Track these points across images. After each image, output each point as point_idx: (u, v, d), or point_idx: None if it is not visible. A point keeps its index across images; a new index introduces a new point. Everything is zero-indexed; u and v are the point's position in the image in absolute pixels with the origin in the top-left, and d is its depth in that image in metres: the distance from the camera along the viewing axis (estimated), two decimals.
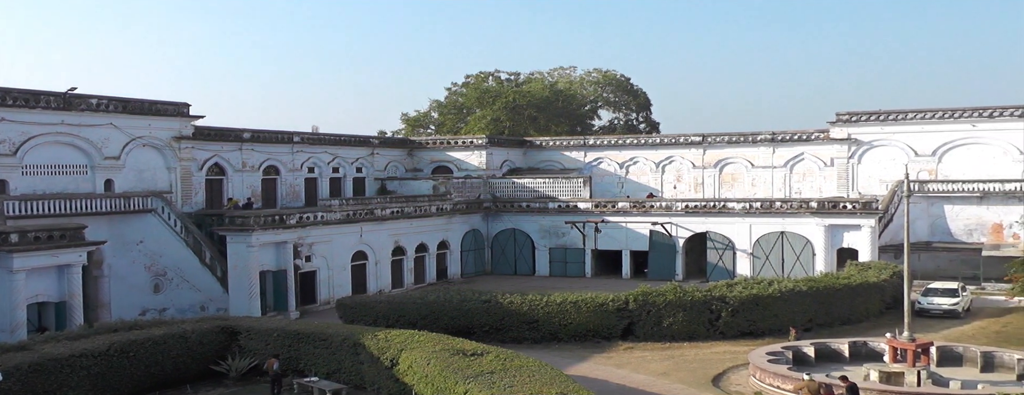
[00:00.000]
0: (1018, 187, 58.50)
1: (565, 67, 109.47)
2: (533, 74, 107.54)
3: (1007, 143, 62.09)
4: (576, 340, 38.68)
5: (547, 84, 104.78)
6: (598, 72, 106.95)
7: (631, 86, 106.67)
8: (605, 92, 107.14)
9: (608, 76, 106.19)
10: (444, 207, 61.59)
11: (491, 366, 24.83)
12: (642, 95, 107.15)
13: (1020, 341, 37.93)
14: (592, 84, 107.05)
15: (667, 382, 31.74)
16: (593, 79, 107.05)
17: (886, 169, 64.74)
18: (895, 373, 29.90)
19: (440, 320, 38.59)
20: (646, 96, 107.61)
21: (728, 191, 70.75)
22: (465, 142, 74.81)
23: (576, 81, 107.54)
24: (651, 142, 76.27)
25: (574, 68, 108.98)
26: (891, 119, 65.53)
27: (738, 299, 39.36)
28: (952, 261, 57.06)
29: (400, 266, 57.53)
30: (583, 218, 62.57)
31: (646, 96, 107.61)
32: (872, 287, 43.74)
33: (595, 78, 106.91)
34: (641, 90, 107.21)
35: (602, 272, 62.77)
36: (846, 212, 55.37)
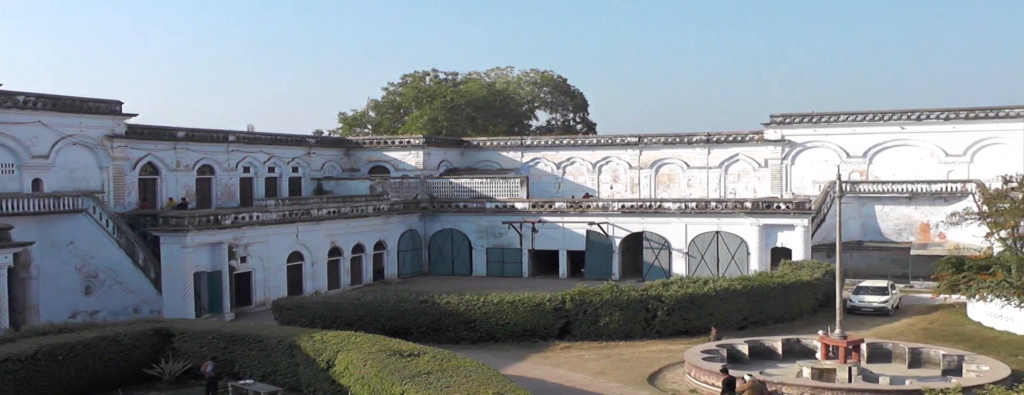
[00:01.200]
0: (944, 188, 60.18)
1: (502, 67, 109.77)
2: (471, 74, 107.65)
3: (933, 145, 63.87)
4: (513, 340, 38.88)
5: (485, 84, 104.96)
6: (535, 73, 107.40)
7: (568, 87, 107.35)
8: (542, 93, 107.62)
9: (545, 77, 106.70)
10: (381, 207, 61.40)
11: (428, 367, 24.89)
12: (579, 96, 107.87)
13: (946, 337, 39.07)
14: (529, 85, 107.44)
15: (604, 381, 32.08)
16: (530, 80, 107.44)
17: (819, 170, 66.14)
18: (827, 370, 30.58)
19: (377, 321, 38.53)
20: (583, 97, 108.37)
21: (664, 191, 71.59)
22: (402, 142, 74.66)
23: (513, 81, 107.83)
24: (588, 143, 76.89)
25: (512, 68, 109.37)
26: (823, 121, 66.96)
27: (674, 298, 39.89)
28: (882, 260, 58.53)
29: (337, 267, 57.22)
30: (520, 218, 62.83)
31: (583, 97, 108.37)
32: (805, 286, 44.66)
33: (532, 79, 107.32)
34: (578, 91, 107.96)
35: (539, 272, 63.09)
36: (780, 212, 56.41)
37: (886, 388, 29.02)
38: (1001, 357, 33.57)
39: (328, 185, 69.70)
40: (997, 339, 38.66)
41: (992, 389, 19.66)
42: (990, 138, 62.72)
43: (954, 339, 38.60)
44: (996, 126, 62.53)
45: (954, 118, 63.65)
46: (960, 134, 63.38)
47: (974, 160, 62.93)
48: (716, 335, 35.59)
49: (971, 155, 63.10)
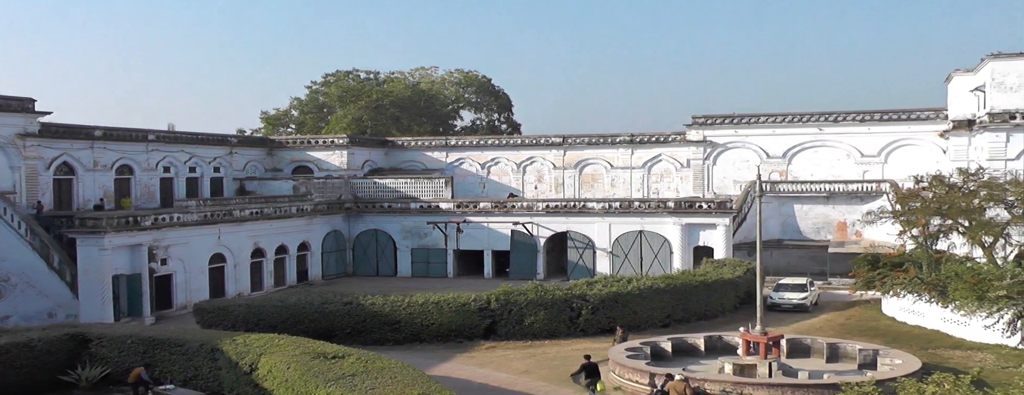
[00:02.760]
0: (860, 188, 61.74)
1: (427, 67, 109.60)
2: (395, 74, 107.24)
3: (850, 146, 65.53)
4: (439, 340, 38.86)
5: (409, 84, 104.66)
6: (460, 73, 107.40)
7: (493, 87, 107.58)
8: (467, 93, 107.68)
9: (470, 77, 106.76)
10: (305, 208, 60.78)
11: (353, 369, 24.76)
12: (503, 96, 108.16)
13: (862, 332, 40.09)
14: (454, 85, 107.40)
15: (529, 380, 32.23)
16: (455, 80, 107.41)
17: (739, 170, 67.32)
18: (748, 365, 31.15)
19: (301, 323, 38.15)
20: (507, 97, 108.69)
21: (588, 191, 72.15)
22: (326, 142, 74.03)
23: (438, 81, 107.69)
24: (512, 143, 77.16)
25: (436, 68, 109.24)
26: (744, 122, 68.20)
27: (598, 297, 40.26)
28: (801, 258, 59.81)
29: (260, 268, 56.47)
30: (445, 218, 62.73)
31: (507, 97, 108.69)
32: (727, 283, 45.46)
33: (457, 79, 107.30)
34: (502, 91, 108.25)
35: (464, 272, 63.07)
36: (702, 212, 57.25)
37: (805, 382, 29.66)
38: (913, 351, 34.53)
39: (251, 185, 68.79)
40: (910, 333, 39.77)
41: (904, 382, 20.24)
42: (903, 140, 64.56)
43: (870, 334, 39.61)
44: (909, 128, 64.38)
45: (869, 120, 65.37)
46: (875, 135, 65.13)
47: (888, 161, 64.73)
48: (622, 335, 35.45)
49: (885, 156, 64.89)
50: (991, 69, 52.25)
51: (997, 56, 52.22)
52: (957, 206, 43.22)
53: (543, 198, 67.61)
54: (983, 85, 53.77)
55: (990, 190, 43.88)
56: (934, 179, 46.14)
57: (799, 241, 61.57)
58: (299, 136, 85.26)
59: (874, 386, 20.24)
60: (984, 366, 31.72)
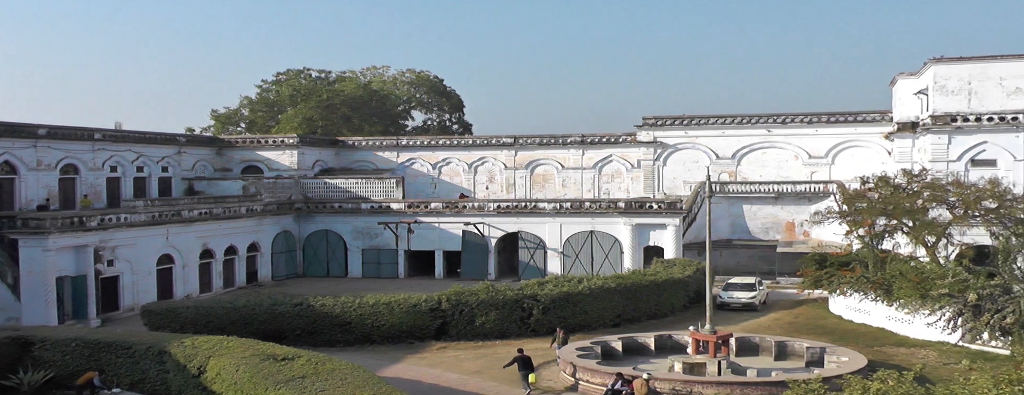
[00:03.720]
0: (807, 188, 62.60)
1: (378, 67, 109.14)
2: (346, 73, 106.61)
3: (798, 147, 66.41)
4: (390, 341, 38.76)
5: (361, 84, 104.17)
6: (412, 73, 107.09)
7: (444, 87, 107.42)
8: (418, 93, 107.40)
9: (421, 77, 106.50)
10: (254, 208, 60.20)
11: (302, 370, 24.61)
12: (455, 96, 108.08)
13: (810, 331, 40.63)
14: (406, 84, 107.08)
15: (480, 380, 32.25)
16: (407, 79, 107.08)
17: (689, 171, 67.93)
18: (698, 364, 31.46)
19: (250, 325, 37.83)
20: (459, 98, 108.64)
21: (539, 192, 72.34)
22: (276, 141, 73.43)
23: (389, 81, 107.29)
24: (464, 143, 77.12)
25: (387, 68, 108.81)
26: (694, 124, 68.81)
27: (549, 297, 40.37)
28: (750, 257, 60.52)
29: (209, 269, 55.83)
30: (396, 219, 62.51)
31: (459, 98, 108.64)
32: (677, 283, 45.82)
33: (409, 78, 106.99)
34: (454, 91, 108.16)
35: (415, 273, 62.89)
36: (652, 212, 57.64)
37: (753, 380, 30.04)
38: (859, 348, 35.10)
39: (200, 185, 68.01)
40: (856, 331, 40.39)
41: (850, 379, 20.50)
42: (850, 141, 65.59)
43: (817, 332, 40.15)
44: (855, 130, 65.41)
45: (817, 122, 66.31)
46: (822, 137, 66.08)
47: (835, 162, 65.72)
48: (562, 337, 35.09)
49: (832, 157, 65.85)
50: (933, 73, 53.23)
51: (939, 60, 53.21)
52: (901, 207, 44.02)
53: (494, 198, 67.63)
54: (926, 88, 54.77)
55: (933, 191, 44.76)
56: (879, 180, 46.94)
57: (748, 241, 62.25)
58: (249, 135, 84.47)
59: (821, 383, 20.48)
60: (927, 363, 32.32)
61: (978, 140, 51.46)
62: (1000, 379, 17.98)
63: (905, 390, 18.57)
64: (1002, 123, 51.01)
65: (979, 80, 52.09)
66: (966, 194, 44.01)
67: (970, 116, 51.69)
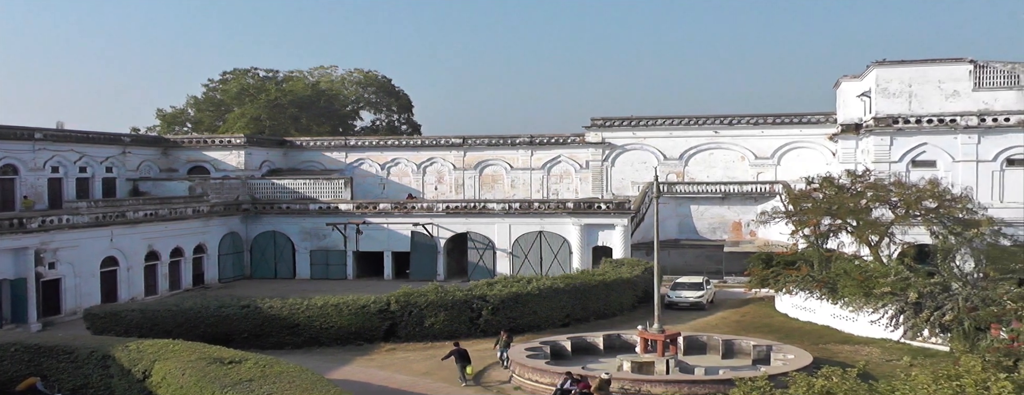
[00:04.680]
0: (754, 189, 63.34)
1: (326, 66, 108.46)
2: (293, 72, 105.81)
3: (744, 148, 67.19)
4: (338, 343, 38.54)
5: (308, 83, 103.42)
6: (360, 72, 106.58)
7: (393, 87, 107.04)
8: (367, 93, 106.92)
9: (370, 77, 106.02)
10: (201, 209, 59.48)
11: (250, 373, 24.35)
12: (404, 97, 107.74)
13: (756, 329, 41.13)
14: (354, 84, 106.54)
15: (429, 381, 32.21)
16: (355, 79, 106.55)
17: (637, 171, 68.40)
18: (646, 363, 31.71)
19: (197, 328, 37.38)
20: (408, 98, 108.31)
21: (488, 192, 72.37)
22: (223, 141, 72.67)
23: (337, 81, 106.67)
24: (412, 143, 76.92)
25: (335, 68, 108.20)
26: (642, 125, 69.31)
27: (498, 297, 40.41)
28: (698, 257, 61.08)
29: (154, 272, 55.02)
30: (345, 219, 62.15)
31: (408, 98, 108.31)
32: (625, 283, 46.12)
33: (357, 78, 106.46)
34: (403, 91, 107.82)
35: (364, 274, 62.60)
36: (601, 212, 57.96)
37: (701, 378, 30.36)
38: (805, 346, 35.65)
39: (145, 186, 67.02)
40: (801, 329, 40.96)
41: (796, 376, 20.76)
42: (795, 142, 66.51)
43: (764, 330, 40.66)
44: (801, 131, 66.37)
45: (763, 123, 67.13)
46: (768, 138, 66.92)
47: (781, 163, 66.61)
48: (506, 340, 34.73)
49: (778, 158, 66.73)
50: (876, 76, 54.13)
51: (881, 63, 54.13)
52: (846, 206, 44.73)
53: (443, 199, 67.56)
54: (869, 91, 55.67)
55: (876, 191, 45.52)
56: (824, 181, 47.62)
57: (696, 241, 62.81)
58: (196, 135, 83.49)
59: (767, 381, 20.73)
60: (870, 359, 33.00)
61: (919, 141, 52.42)
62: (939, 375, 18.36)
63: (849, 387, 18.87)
64: (941, 125, 52.02)
65: (919, 83, 53.08)
66: (907, 194, 44.81)
67: (911, 118, 52.63)
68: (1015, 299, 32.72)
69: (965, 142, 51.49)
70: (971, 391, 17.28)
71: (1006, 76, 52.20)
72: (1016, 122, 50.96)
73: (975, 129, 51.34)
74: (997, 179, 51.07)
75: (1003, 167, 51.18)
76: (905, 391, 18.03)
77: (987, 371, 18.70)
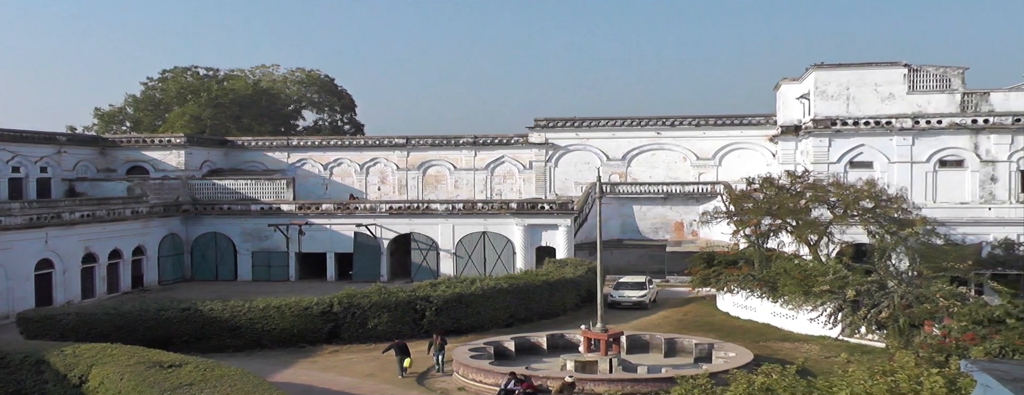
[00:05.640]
0: (696, 189, 64.04)
1: (268, 65, 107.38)
2: (235, 71, 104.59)
3: (686, 149, 67.89)
4: (281, 346, 38.15)
5: (250, 82, 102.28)
6: (302, 72, 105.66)
7: (335, 87, 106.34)
8: (309, 92, 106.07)
9: (312, 76, 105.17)
10: (140, 210, 58.53)
11: (190, 377, 24.06)
12: (346, 96, 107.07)
13: (698, 327, 41.56)
14: (296, 84, 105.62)
15: (373, 383, 32.06)
16: (297, 79, 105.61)
17: (581, 172, 68.72)
18: (589, 362, 31.90)
19: (136, 331, 36.71)
20: (350, 97, 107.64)
21: (432, 193, 72.23)
22: (163, 141, 71.62)
23: (279, 80, 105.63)
24: (355, 144, 76.54)
25: (277, 66, 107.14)
26: (585, 126, 69.69)
27: (442, 298, 40.34)
28: (641, 257, 61.49)
29: (91, 274, 53.98)
30: (287, 220, 61.59)
31: (350, 97, 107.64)
32: (569, 282, 46.31)
33: (299, 77, 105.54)
34: (345, 91, 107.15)
35: (307, 275, 62.07)
36: (544, 213, 58.17)
37: (643, 377, 30.63)
38: (745, 344, 36.12)
39: (81, 186, 65.77)
40: (742, 327, 41.49)
41: (736, 373, 21.11)
42: (736, 143, 67.36)
43: (705, 329, 41.08)
44: (742, 132, 67.25)
45: (705, 125, 67.90)
46: (710, 139, 67.70)
47: (722, 163, 67.40)
48: (439, 343, 34.25)
49: (720, 159, 67.52)
50: (815, 78, 55.03)
51: (820, 66, 55.05)
52: (785, 207, 45.44)
53: (386, 200, 67.21)
54: (808, 93, 56.57)
55: (815, 192, 46.32)
56: (764, 181, 48.35)
57: (638, 241, 63.26)
58: (134, 135, 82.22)
59: (708, 379, 21.03)
60: (809, 356, 33.55)
61: (856, 143, 53.39)
62: (875, 371, 18.79)
63: (788, 383, 19.22)
64: (878, 127, 53.05)
65: (857, 86, 54.09)
66: (845, 195, 45.65)
67: (848, 120, 53.58)
68: (947, 296, 33.56)
69: (900, 144, 52.58)
70: (905, 386, 17.70)
71: (938, 80, 53.43)
72: (948, 125, 52.18)
73: (910, 131, 52.46)
74: (930, 180, 52.29)
75: (936, 168, 52.39)
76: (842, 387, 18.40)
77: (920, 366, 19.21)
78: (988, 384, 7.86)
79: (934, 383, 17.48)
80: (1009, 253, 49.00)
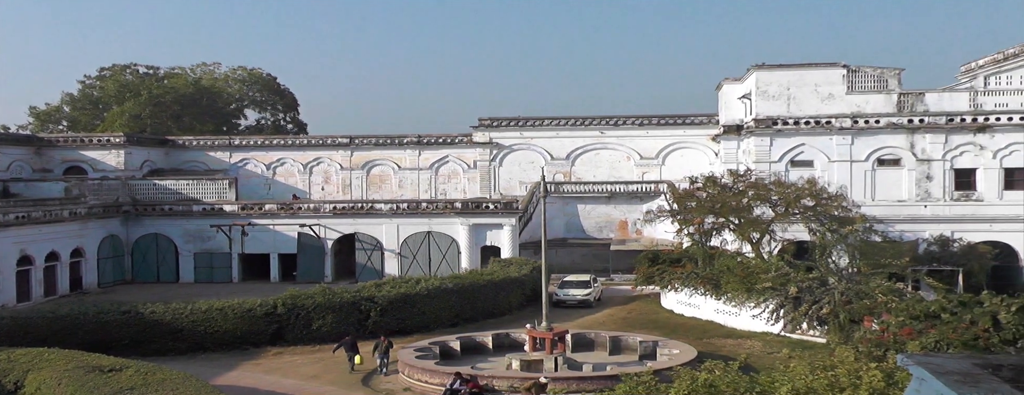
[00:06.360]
0: (639, 188, 64.55)
1: (209, 63, 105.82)
2: (175, 69, 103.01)
3: (630, 148, 68.38)
4: (224, 348, 37.65)
5: (191, 80, 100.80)
6: (244, 70, 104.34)
7: (278, 85, 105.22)
8: (251, 91, 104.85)
9: (254, 74, 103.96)
10: (78, 211, 57.39)
11: (131, 382, 23.68)
12: (289, 95, 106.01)
13: (643, 325, 41.86)
14: (238, 82, 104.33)
15: (317, 385, 31.83)
16: (239, 77, 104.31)
17: (525, 171, 68.89)
18: (535, 361, 31.98)
19: (74, 335, 35.96)
20: (293, 96, 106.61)
21: (376, 192, 71.88)
22: (102, 140, 70.35)
23: (221, 78, 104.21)
24: (299, 143, 75.87)
25: (219, 64, 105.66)
26: (529, 125, 69.85)
27: (387, 298, 40.18)
28: (585, 255, 61.80)
29: (27, 277, 52.74)
30: (229, 221, 60.80)
31: (293, 96, 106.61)
32: (514, 282, 46.40)
33: (241, 76, 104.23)
34: (288, 90, 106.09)
35: (250, 276, 61.31)
36: (489, 212, 58.19)
37: (589, 375, 30.79)
38: (690, 341, 36.47)
39: (16, 187, 64.29)
40: (686, 325, 41.86)
41: (680, 370, 21.32)
42: (680, 143, 68.01)
43: (650, 326, 41.38)
44: (684, 132, 67.92)
45: (648, 124, 68.43)
46: (654, 139, 68.27)
47: (666, 163, 68.03)
48: (385, 345, 33.92)
49: (663, 158, 68.13)
50: (756, 79, 55.74)
51: (761, 67, 55.79)
52: (728, 205, 46.00)
53: (330, 200, 66.74)
54: (749, 93, 57.29)
55: (757, 190, 46.93)
56: (707, 180, 48.87)
57: (583, 240, 63.58)
58: (72, 134, 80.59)
59: (652, 376, 21.20)
60: (751, 352, 33.95)
61: (797, 142, 54.19)
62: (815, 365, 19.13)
63: (731, 379, 19.46)
64: (817, 126, 53.89)
65: (797, 86, 54.90)
66: (787, 193, 46.34)
67: (789, 120, 54.37)
68: (885, 293, 34.24)
69: (840, 143, 53.48)
70: (845, 380, 18.03)
71: (876, 80, 54.44)
72: (886, 124, 53.18)
73: (849, 130, 53.36)
74: (869, 178, 53.26)
75: (874, 167, 53.38)
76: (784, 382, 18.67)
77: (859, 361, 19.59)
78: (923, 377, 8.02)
79: (872, 377, 17.83)
80: (944, 249, 50.14)
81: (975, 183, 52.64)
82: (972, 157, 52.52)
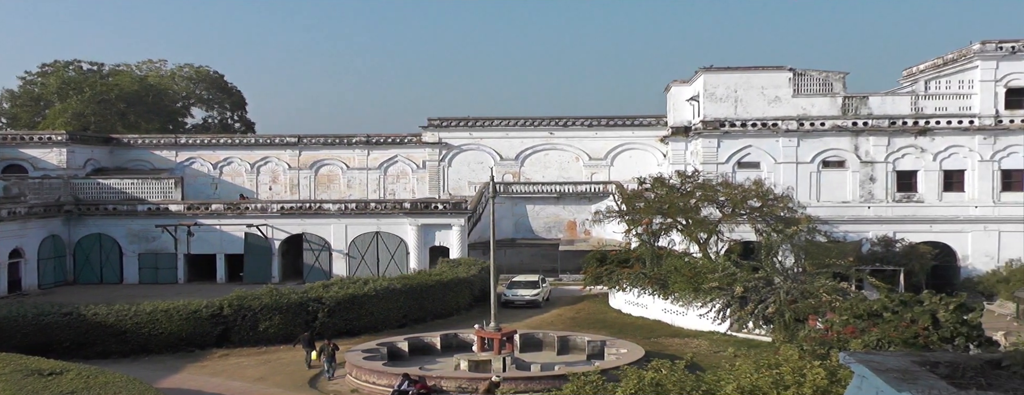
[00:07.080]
0: (588, 189, 64.86)
1: (155, 60, 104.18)
2: (120, 66, 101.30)
3: (579, 149, 68.69)
4: (169, 350, 37.19)
5: (136, 78, 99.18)
6: (190, 68, 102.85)
7: (225, 84, 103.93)
8: (198, 89, 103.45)
9: (201, 72, 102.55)
10: (18, 211, 56.24)
11: (72, 385, 23.28)
12: (237, 94, 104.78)
13: (591, 325, 42.12)
14: (184, 80, 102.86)
15: (264, 387, 31.57)
16: (185, 75, 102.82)
17: (474, 171, 68.88)
18: (483, 361, 32.02)
19: (13, 338, 35.21)
20: (241, 95, 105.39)
21: (324, 192, 71.39)
22: (43, 138, 69.00)
23: (167, 76, 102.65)
24: (246, 142, 75.10)
25: (165, 62, 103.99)
26: (478, 125, 69.86)
27: (335, 299, 39.99)
28: (534, 256, 61.98)
29: None
30: (175, 221, 60.00)
31: (241, 95, 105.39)
32: (462, 282, 46.40)
33: (187, 73, 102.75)
34: (235, 88, 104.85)
35: (196, 277, 60.57)
36: (438, 212, 58.10)
37: (537, 375, 30.91)
38: (637, 340, 36.77)
39: None
40: (634, 324, 42.20)
41: (627, 369, 21.42)
42: (628, 144, 68.49)
43: (598, 326, 41.67)
44: (633, 133, 68.41)
45: (597, 125, 68.82)
46: (602, 140, 68.66)
47: (614, 163, 68.46)
48: (331, 349, 33.31)
49: (612, 159, 68.54)
50: (704, 81, 56.26)
51: (709, 69, 56.31)
52: (676, 206, 46.39)
53: (278, 199, 66.16)
54: (697, 95, 57.81)
55: (704, 191, 47.40)
56: (655, 181, 49.27)
57: (531, 240, 63.74)
58: (11, 132, 78.86)
59: (599, 375, 21.28)
60: (698, 351, 34.32)
61: (744, 144, 54.77)
62: (761, 364, 19.31)
63: (677, 378, 19.59)
64: (764, 129, 54.53)
65: (744, 89, 55.48)
66: (734, 194, 46.84)
67: (736, 122, 54.94)
68: (830, 292, 34.75)
69: (786, 145, 54.16)
70: (789, 378, 18.24)
71: (821, 84, 55.21)
72: (830, 127, 53.96)
73: (795, 133, 54.07)
74: (814, 180, 54.02)
75: (820, 168, 54.15)
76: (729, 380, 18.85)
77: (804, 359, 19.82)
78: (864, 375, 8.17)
79: (816, 375, 18.05)
80: (887, 250, 51.06)
81: (916, 185, 53.65)
82: (913, 159, 53.50)
